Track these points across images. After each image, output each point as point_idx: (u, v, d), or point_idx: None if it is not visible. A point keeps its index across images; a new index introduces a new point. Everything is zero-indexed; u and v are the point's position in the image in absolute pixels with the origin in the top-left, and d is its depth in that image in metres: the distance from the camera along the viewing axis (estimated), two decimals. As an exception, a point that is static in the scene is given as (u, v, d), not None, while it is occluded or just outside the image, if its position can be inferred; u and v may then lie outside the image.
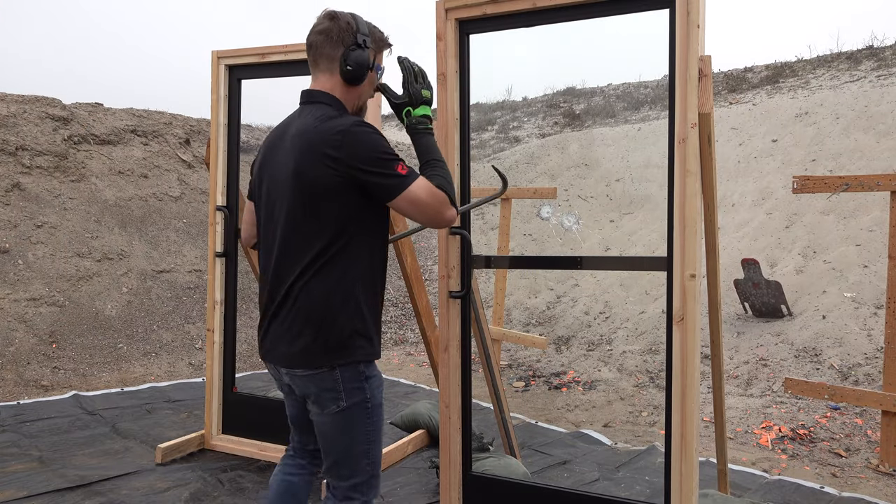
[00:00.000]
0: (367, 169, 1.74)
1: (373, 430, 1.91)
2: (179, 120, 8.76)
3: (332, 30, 1.85)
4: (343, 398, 1.85)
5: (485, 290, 8.06)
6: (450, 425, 2.79)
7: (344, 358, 1.83)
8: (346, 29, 1.85)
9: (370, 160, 1.75)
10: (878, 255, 6.20)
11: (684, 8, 2.26)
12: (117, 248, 6.72)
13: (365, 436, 1.90)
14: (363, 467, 1.92)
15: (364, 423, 1.89)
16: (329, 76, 1.88)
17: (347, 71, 1.85)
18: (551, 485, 2.78)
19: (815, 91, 10.75)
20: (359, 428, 1.89)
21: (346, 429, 1.88)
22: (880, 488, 3.41)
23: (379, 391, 1.93)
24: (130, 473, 3.39)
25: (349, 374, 1.84)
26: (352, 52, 1.84)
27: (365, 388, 1.88)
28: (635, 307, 6.97)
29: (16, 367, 5.21)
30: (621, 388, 5.33)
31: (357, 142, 1.75)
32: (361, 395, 1.87)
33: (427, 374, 5.89)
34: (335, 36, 1.85)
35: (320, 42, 1.86)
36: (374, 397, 1.90)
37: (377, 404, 1.92)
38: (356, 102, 1.94)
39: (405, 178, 1.77)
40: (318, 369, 1.83)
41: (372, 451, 1.93)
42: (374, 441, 1.93)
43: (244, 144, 9.20)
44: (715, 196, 2.48)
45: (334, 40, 1.85)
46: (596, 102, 14.40)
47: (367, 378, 1.89)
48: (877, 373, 4.81)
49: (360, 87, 1.92)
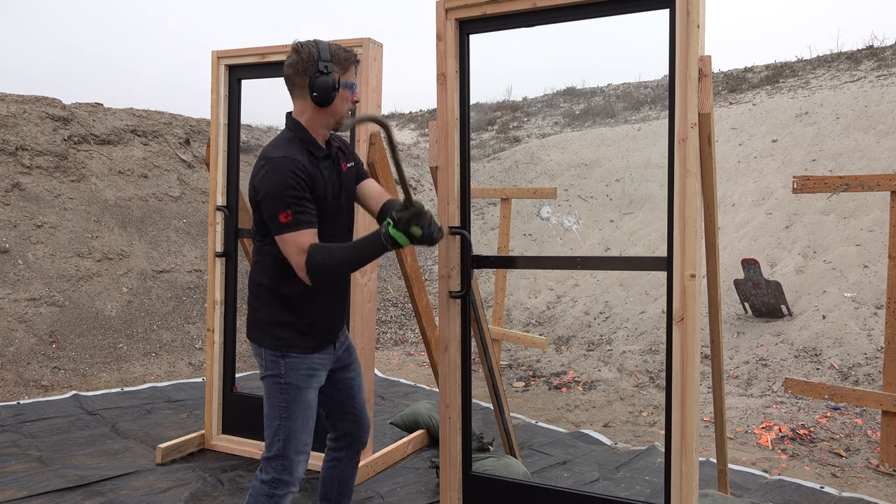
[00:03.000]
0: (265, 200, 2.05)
1: (285, 408, 2.14)
2: (179, 120, 8.76)
3: (297, 62, 2.11)
4: (262, 367, 2.18)
5: (485, 290, 8.05)
6: (450, 425, 2.79)
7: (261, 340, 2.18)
8: (307, 59, 2.10)
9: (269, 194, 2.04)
10: (878, 255, 6.20)
11: (684, 8, 2.26)
12: (117, 248, 6.72)
13: (278, 410, 2.14)
14: (275, 442, 2.14)
15: (277, 398, 2.15)
16: (303, 101, 2.16)
17: (314, 97, 2.11)
18: (551, 485, 2.78)
19: (815, 91, 10.75)
20: (272, 401, 2.15)
21: (266, 397, 2.18)
22: (880, 488, 3.41)
23: (296, 373, 2.16)
24: (130, 473, 3.40)
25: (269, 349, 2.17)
26: (316, 79, 2.09)
27: (280, 365, 2.15)
28: (635, 307, 6.97)
29: (16, 367, 5.21)
30: (621, 388, 5.33)
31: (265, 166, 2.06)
32: (276, 369, 2.15)
33: (427, 374, 5.89)
34: (300, 68, 2.10)
35: (290, 74, 2.14)
36: (287, 375, 2.15)
37: (291, 384, 2.15)
38: (331, 120, 2.19)
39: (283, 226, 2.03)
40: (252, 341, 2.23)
41: (284, 428, 2.14)
42: (287, 418, 2.14)
43: (244, 144, 9.21)
44: (715, 196, 2.48)
45: (300, 72, 2.11)
46: (596, 102, 14.40)
47: (284, 356, 2.15)
48: (877, 373, 4.81)
49: (332, 106, 2.16)
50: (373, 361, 3.40)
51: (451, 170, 2.73)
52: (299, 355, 2.17)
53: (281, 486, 2.14)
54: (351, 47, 3.25)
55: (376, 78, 3.29)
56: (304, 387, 2.17)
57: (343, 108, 2.20)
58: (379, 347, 6.97)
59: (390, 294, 8.21)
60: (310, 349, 2.19)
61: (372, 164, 3.22)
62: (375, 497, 3.21)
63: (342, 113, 2.20)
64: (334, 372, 2.36)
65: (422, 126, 16.75)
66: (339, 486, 2.50)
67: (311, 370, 2.19)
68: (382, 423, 4.31)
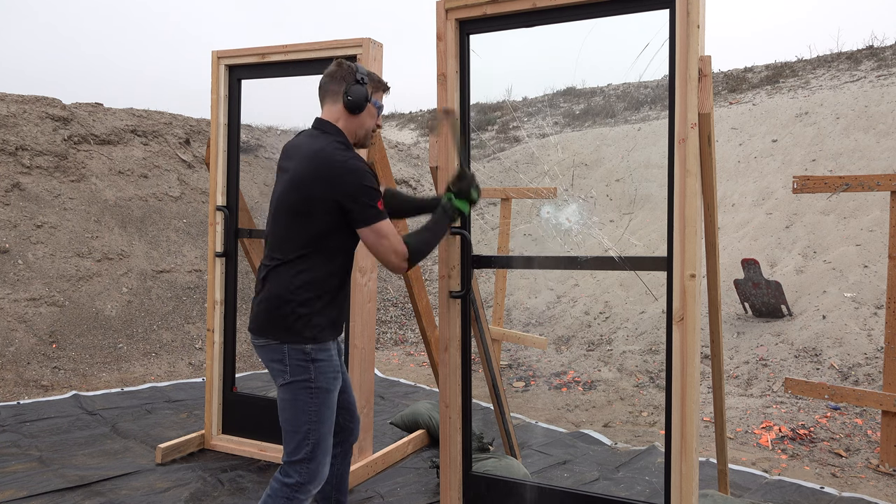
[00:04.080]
0: (354, 197, 2.10)
1: (315, 412, 2.15)
2: (179, 120, 8.76)
3: (335, 72, 2.27)
4: (285, 373, 2.15)
5: (485, 290, 8.06)
6: (450, 425, 2.79)
7: (291, 336, 2.14)
8: (347, 70, 2.26)
9: (359, 190, 2.10)
10: (878, 255, 6.20)
11: (684, 8, 2.26)
12: (117, 248, 6.72)
13: (307, 414, 2.14)
14: (303, 446, 2.15)
15: (307, 402, 2.14)
16: (332, 107, 2.27)
17: (348, 101, 2.23)
18: (551, 485, 2.78)
19: (815, 91, 10.75)
20: (300, 405, 2.14)
21: (291, 402, 2.16)
22: (880, 488, 3.41)
23: (325, 376, 2.17)
24: (130, 473, 3.39)
25: (295, 351, 2.14)
26: (352, 86, 2.24)
27: (310, 369, 2.15)
28: (635, 307, 6.97)
29: (16, 367, 5.21)
30: (621, 388, 5.33)
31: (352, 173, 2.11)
32: (305, 374, 2.14)
33: (427, 374, 5.89)
34: (339, 77, 2.26)
35: (326, 82, 2.28)
36: (317, 379, 2.15)
37: (321, 387, 2.17)
38: (358, 132, 2.29)
39: (381, 213, 2.14)
40: (268, 340, 2.17)
41: (314, 432, 2.15)
42: (318, 422, 2.16)
43: (244, 144, 9.20)
44: (715, 196, 2.48)
45: (338, 80, 2.26)
46: (596, 102, 14.40)
47: (314, 361, 2.15)
48: (877, 373, 4.81)
49: (361, 117, 2.27)
50: (373, 361, 3.40)
51: (451, 170, 2.73)
52: (327, 358, 2.19)
53: (304, 490, 2.16)
54: (351, 47, 3.27)
55: (376, 78, 3.29)
56: (332, 389, 2.20)
57: (368, 124, 2.31)
58: (379, 347, 6.97)
59: (390, 294, 8.21)
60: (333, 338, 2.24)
61: (372, 163, 3.22)
62: (375, 497, 3.21)
63: (367, 129, 2.31)
64: None
65: (422, 126, 16.75)
66: (337, 483, 2.51)
67: (336, 371, 2.23)
68: (382, 423, 4.31)
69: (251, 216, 4.01)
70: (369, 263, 3.31)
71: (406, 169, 11.09)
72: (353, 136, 2.29)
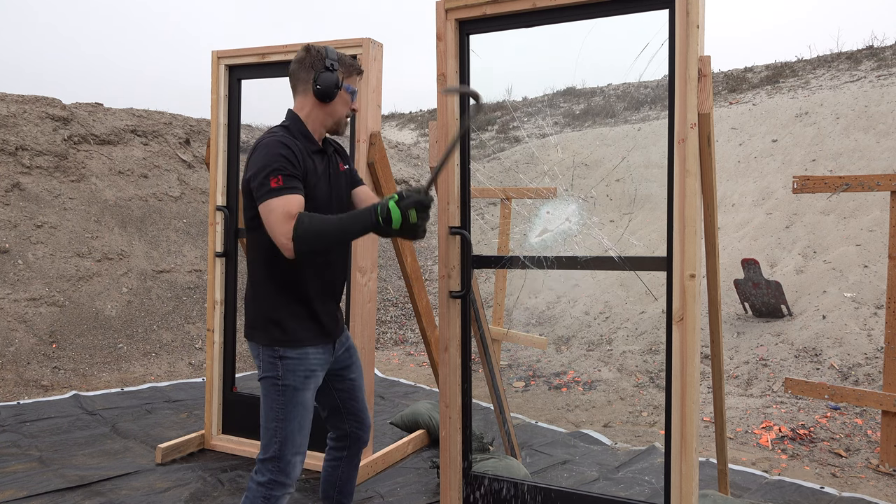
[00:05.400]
0: (254, 176, 2.03)
1: (282, 409, 2.15)
2: (179, 120, 8.76)
3: (304, 59, 2.18)
4: (260, 368, 2.19)
5: (485, 290, 8.06)
6: (450, 425, 2.79)
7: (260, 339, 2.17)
8: (316, 56, 2.17)
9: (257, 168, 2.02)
10: (878, 255, 6.20)
11: (684, 8, 2.26)
12: (117, 248, 6.72)
13: (274, 412, 2.15)
14: (272, 444, 2.16)
15: (274, 399, 2.15)
16: (303, 97, 2.20)
17: (318, 90, 2.15)
18: (551, 485, 2.78)
19: (815, 91, 10.75)
20: (269, 402, 2.16)
21: (262, 398, 2.19)
22: (880, 488, 3.41)
23: (293, 374, 2.16)
24: (130, 473, 3.40)
25: (266, 348, 2.16)
26: (321, 73, 2.15)
27: (277, 366, 2.15)
28: (635, 307, 6.97)
29: (16, 367, 5.21)
30: (621, 388, 5.33)
31: (256, 149, 2.07)
32: (273, 371, 2.15)
33: (427, 374, 5.89)
34: (308, 63, 2.17)
35: (296, 69, 2.20)
36: (284, 377, 2.15)
37: (288, 385, 2.15)
38: (329, 119, 2.22)
39: (274, 189, 1.98)
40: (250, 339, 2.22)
41: (280, 429, 2.15)
42: (284, 420, 2.15)
43: (244, 144, 9.20)
44: (715, 196, 2.48)
45: (307, 67, 2.17)
46: (596, 102, 14.40)
47: (281, 358, 2.15)
48: (877, 373, 4.81)
49: (333, 104, 2.20)
50: (373, 361, 3.40)
51: (451, 170, 2.73)
52: (297, 356, 2.15)
53: (277, 487, 2.15)
54: (351, 47, 3.27)
55: (376, 78, 3.30)
56: (301, 388, 2.17)
57: (341, 111, 2.23)
58: (379, 347, 6.97)
59: (390, 294, 8.21)
60: (313, 339, 2.18)
61: (372, 164, 3.22)
62: (375, 497, 3.21)
63: (340, 115, 2.23)
64: (335, 372, 2.37)
65: (422, 126, 16.76)
66: (341, 486, 2.51)
67: (309, 371, 2.19)
68: (382, 423, 4.31)
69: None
70: (369, 263, 3.31)
71: (406, 169, 11.09)
72: (324, 125, 2.21)
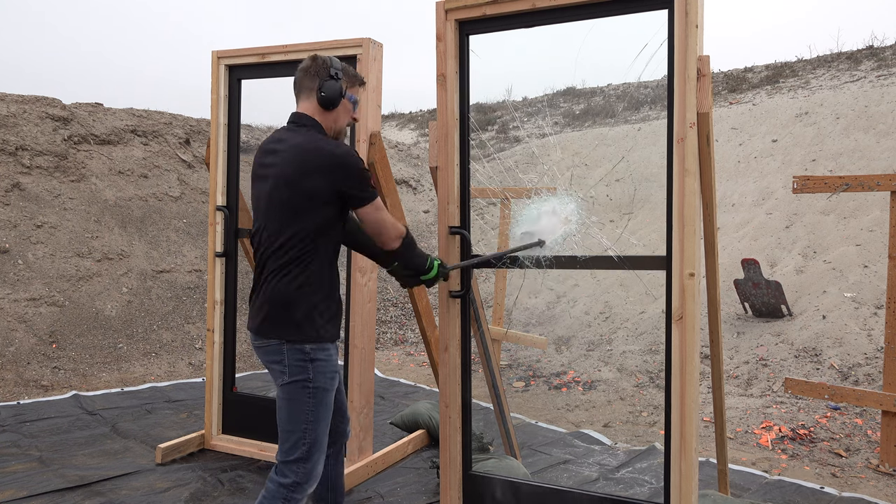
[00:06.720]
0: (355, 183, 2.15)
1: (312, 411, 2.15)
2: (179, 120, 8.76)
3: (310, 67, 2.26)
4: (283, 373, 2.15)
5: (485, 290, 8.06)
6: (450, 425, 2.79)
7: (294, 334, 2.14)
8: (321, 65, 2.25)
9: (359, 174, 2.16)
10: (878, 255, 6.20)
11: (683, 8, 2.26)
12: (117, 248, 6.72)
13: (304, 414, 2.15)
14: (299, 446, 2.15)
15: (304, 402, 2.15)
16: (308, 103, 2.26)
17: (322, 97, 2.22)
18: (551, 485, 2.78)
19: (815, 91, 10.75)
20: (297, 405, 2.15)
21: (287, 402, 2.16)
22: (880, 488, 3.41)
23: (324, 376, 2.17)
24: (130, 473, 3.40)
25: (294, 351, 2.14)
26: (326, 81, 2.23)
27: (308, 369, 2.14)
28: (635, 307, 6.97)
29: (16, 367, 5.21)
30: (621, 388, 5.33)
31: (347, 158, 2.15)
32: (304, 373, 2.14)
33: (427, 374, 5.89)
34: (313, 72, 2.25)
35: (300, 77, 2.27)
36: (315, 379, 2.15)
37: (319, 387, 2.16)
38: (333, 126, 2.29)
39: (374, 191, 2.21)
40: (268, 340, 2.17)
41: (310, 431, 2.15)
42: (314, 422, 2.16)
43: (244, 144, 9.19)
44: (714, 196, 2.48)
45: (312, 75, 2.25)
46: (596, 102, 14.40)
47: (312, 360, 2.15)
48: (877, 373, 4.81)
49: (335, 112, 2.27)
50: (373, 361, 3.40)
51: (451, 170, 2.74)
52: (325, 357, 2.19)
53: (300, 489, 2.16)
54: (351, 47, 3.27)
55: (376, 78, 3.30)
56: (329, 389, 2.20)
57: (342, 120, 2.31)
58: (379, 347, 6.97)
59: (390, 294, 8.21)
60: (335, 336, 2.25)
61: (372, 164, 3.22)
62: (375, 497, 3.21)
63: (341, 125, 2.31)
64: None
65: (422, 126, 16.75)
66: (332, 485, 2.51)
67: (334, 371, 2.23)
68: (382, 423, 4.31)
69: (251, 216, 4.01)
70: (369, 263, 3.31)
71: (406, 169, 11.09)
72: (329, 131, 2.29)
